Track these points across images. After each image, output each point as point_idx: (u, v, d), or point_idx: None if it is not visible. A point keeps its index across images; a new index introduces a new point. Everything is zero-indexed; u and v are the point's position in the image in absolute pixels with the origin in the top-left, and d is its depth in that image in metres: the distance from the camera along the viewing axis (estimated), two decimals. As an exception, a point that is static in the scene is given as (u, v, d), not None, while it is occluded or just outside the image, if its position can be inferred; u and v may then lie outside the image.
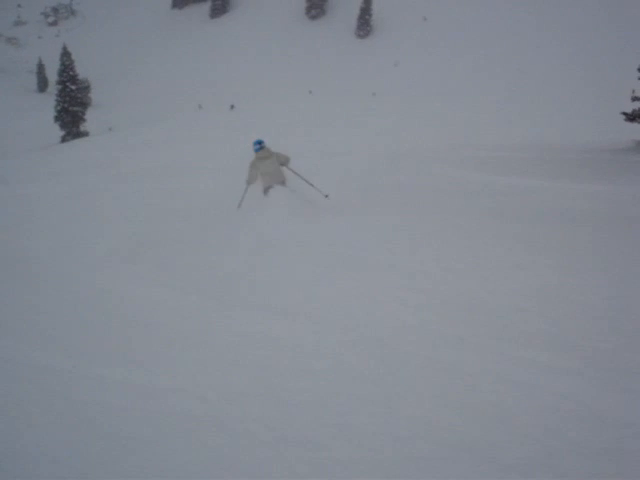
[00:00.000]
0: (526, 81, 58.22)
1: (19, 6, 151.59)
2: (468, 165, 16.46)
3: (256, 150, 11.47)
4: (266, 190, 11.30)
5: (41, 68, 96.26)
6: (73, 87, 52.65)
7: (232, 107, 52.59)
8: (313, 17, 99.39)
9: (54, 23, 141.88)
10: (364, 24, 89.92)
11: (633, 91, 20.99)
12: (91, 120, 56.92)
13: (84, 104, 56.24)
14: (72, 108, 52.75)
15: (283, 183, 11.44)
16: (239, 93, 73.97)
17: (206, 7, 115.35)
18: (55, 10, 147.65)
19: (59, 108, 52.70)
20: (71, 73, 52.57)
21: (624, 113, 18.75)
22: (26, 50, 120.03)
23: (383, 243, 8.55)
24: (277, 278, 7.69)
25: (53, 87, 65.74)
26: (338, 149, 22.45)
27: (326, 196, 11.55)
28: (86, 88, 76.82)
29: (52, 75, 79.40)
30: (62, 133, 53.50)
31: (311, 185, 11.74)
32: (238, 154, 16.40)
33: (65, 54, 54.34)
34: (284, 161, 11.70)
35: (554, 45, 66.08)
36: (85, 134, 53.54)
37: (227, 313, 6.67)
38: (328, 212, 10.98)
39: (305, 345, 5.55)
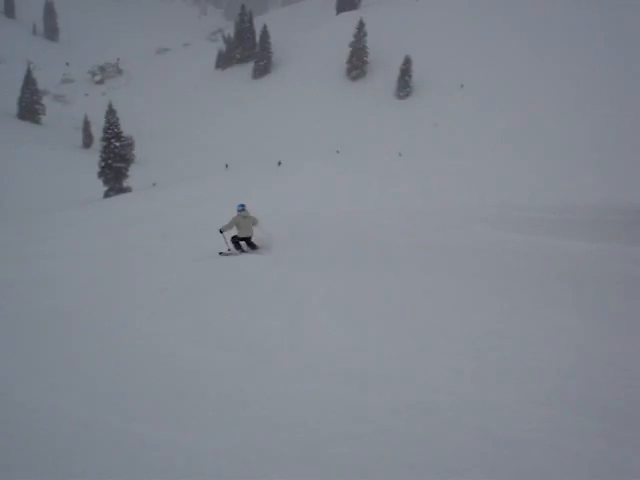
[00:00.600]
0: (559, 144, 57.80)
1: (67, 64, 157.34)
2: (506, 225, 16.45)
3: (239, 210, 15.35)
4: (236, 239, 15.41)
5: (87, 125, 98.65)
6: (117, 144, 53.58)
7: (279, 163, 52.74)
8: (354, 78, 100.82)
9: (101, 81, 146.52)
10: (404, 86, 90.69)
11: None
12: (134, 176, 57.73)
13: (127, 160, 57.12)
14: (116, 164, 53.58)
15: (250, 236, 15.49)
16: (282, 150, 74.50)
17: (249, 68, 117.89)
18: (102, 69, 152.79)
19: (103, 164, 53.58)
20: (116, 130, 53.56)
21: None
22: (73, 107, 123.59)
23: (431, 305, 8.79)
24: (321, 341, 7.73)
25: (98, 143, 67.10)
26: (378, 206, 22.04)
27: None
28: (130, 145, 78.19)
29: (97, 132, 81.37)
30: (105, 188, 54.22)
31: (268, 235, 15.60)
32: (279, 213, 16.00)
33: (110, 112, 55.58)
34: (255, 222, 15.52)
35: (586, 110, 65.86)
36: (128, 190, 54.19)
37: (274, 373, 6.68)
38: (373, 271, 11.57)
39: (352, 407, 5.54)
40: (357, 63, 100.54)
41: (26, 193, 57.87)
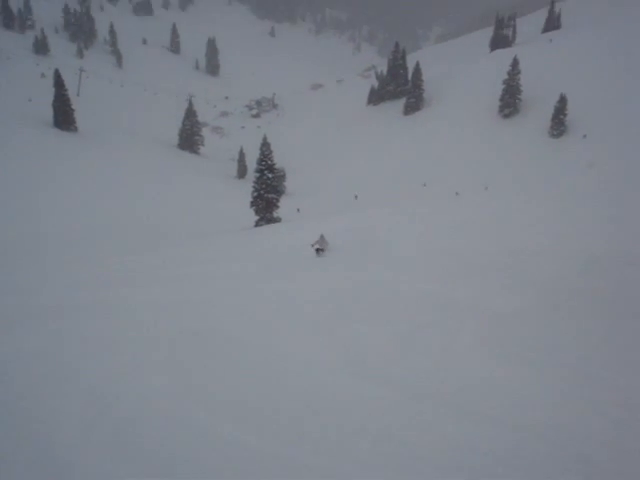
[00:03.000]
0: None
1: (226, 98, 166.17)
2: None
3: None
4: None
5: (242, 156, 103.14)
6: (270, 175, 54.97)
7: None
8: (506, 116, 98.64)
9: (257, 115, 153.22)
10: (558, 124, 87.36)
11: None
12: (282, 207, 59.20)
13: (279, 192, 58.57)
14: (267, 195, 54.97)
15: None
16: (425, 182, 73.97)
17: (400, 104, 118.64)
18: (258, 103, 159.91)
19: (255, 194, 55.14)
20: (269, 162, 55.01)
21: None
22: (229, 139, 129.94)
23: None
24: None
25: (251, 174, 69.59)
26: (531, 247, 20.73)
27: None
28: (281, 177, 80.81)
29: (251, 163, 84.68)
30: (256, 218, 55.77)
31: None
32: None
33: (265, 144, 57.33)
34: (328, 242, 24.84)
35: None
36: (277, 220, 55.45)
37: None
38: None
39: None
40: (510, 101, 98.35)
41: (182, 219, 61.07)
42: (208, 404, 7.77)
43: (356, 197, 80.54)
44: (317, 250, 24.97)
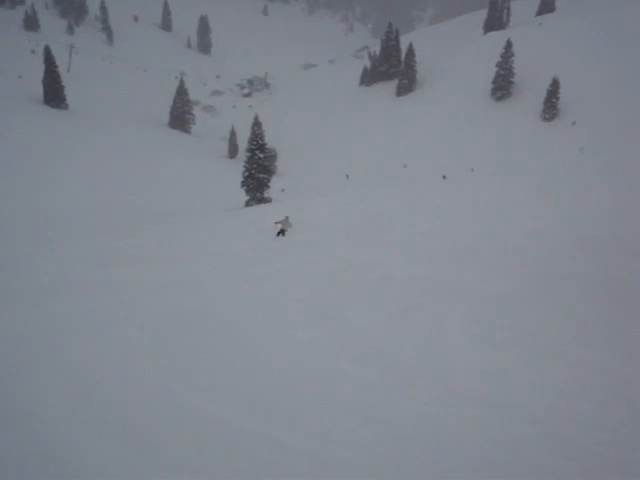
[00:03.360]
0: None
1: (217, 77, 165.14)
2: None
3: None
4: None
5: (233, 136, 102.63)
6: (261, 155, 54.75)
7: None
8: (498, 98, 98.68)
9: (248, 94, 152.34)
10: (550, 107, 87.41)
11: None
12: (273, 187, 59.07)
13: (270, 172, 58.38)
14: (258, 175, 54.81)
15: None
16: (414, 166, 73.98)
17: (392, 85, 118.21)
18: (250, 82, 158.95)
19: (246, 174, 54.96)
20: (260, 142, 54.76)
21: None
22: (220, 118, 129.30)
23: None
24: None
25: (242, 154, 69.28)
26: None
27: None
28: (273, 157, 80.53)
29: (242, 143, 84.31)
30: (247, 198, 55.61)
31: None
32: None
33: (256, 124, 57.13)
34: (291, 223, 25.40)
35: None
36: (268, 200, 55.34)
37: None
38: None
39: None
40: (503, 83, 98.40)
41: (173, 198, 60.77)
42: (193, 385, 7.73)
43: (347, 177, 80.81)
44: (278, 233, 25.07)
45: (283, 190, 67.46)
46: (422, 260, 17.11)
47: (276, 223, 25.49)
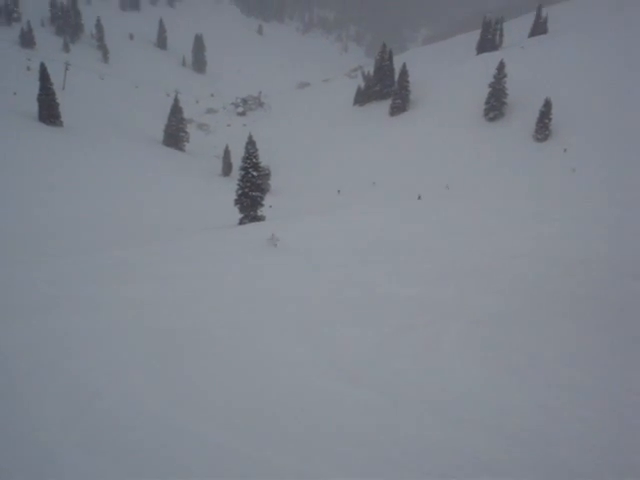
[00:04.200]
0: None
1: (212, 95, 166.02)
2: None
3: None
4: None
5: (227, 154, 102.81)
6: (255, 173, 54.74)
7: (419, 197, 52.98)
8: (491, 119, 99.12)
9: (242, 113, 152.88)
10: (543, 128, 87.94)
11: None
12: (267, 205, 59.12)
13: (263, 190, 58.39)
14: (252, 193, 54.77)
15: None
16: (408, 185, 74.34)
17: (386, 105, 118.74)
18: (244, 101, 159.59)
19: (240, 192, 54.91)
20: (254, 160, 54.74)
21: None
22: (215, 136, 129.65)
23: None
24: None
25: (236, 172, 69.37)
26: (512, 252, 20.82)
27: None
28: (267, 175, 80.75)
29: (236, 161, 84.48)
30: (240, 216, 55.58)
31: None
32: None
33: (250, 142, 57.16)
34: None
35: None
36: (262, 218, 55.26)
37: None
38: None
39: None
40: (495, 104, 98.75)
41: (166, 216, 60.74)
42: (188, 403, 7.73)
43: (339, 192, 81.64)
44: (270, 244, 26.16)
45: (271, 206, 67.45)
46: (413, 280, 17.14)
47: (268, 240, 26.21)
